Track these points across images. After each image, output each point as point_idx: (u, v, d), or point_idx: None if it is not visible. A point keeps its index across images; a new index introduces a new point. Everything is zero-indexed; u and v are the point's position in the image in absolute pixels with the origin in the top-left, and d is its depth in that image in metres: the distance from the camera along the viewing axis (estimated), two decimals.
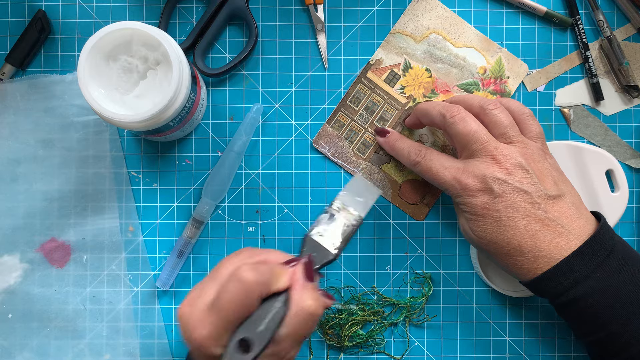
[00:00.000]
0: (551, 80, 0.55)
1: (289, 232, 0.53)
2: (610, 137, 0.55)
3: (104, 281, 0.52)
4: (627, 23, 0.55)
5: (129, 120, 0.43)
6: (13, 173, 0.52)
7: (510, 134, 0.45)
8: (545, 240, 0.42)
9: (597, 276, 0.41)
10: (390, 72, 0.54)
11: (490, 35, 0.55)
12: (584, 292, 0.41)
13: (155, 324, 0.52)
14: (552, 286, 0.42)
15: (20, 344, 0.51)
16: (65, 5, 0.53)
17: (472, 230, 0.44)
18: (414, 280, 0.54)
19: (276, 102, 0.54)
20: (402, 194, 0.54)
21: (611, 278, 0.41)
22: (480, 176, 0.43)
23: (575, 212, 0.43)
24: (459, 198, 0.44)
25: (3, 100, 0.52)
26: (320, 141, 0.54)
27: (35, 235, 0.52)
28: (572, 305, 0.42)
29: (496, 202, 0.42)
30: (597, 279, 0.41)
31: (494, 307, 0.54)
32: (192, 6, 0.54)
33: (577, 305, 0.41)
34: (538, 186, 0.43)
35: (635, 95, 0.55)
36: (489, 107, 0.45)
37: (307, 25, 0.54)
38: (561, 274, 0.41)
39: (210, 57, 0.54)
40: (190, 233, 0.52)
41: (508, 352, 0.54)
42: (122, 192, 0.53)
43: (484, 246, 0.44)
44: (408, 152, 0.49)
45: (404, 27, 0.55)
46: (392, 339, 0.53)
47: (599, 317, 0.41)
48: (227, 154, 0.52)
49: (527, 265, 0.42)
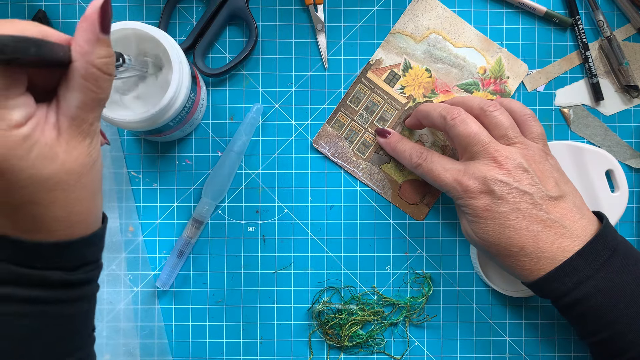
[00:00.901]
0: (551, 80, 0.55)
1: (289, 232, 0.53)
2: (610, 137, 0.55)
3: (104, 281, 0.52)
4: (627, 23, 0.55)
5: (128, 120, 0.43)
6: None
7: (511, 135, 0.45)
8: (548, 241, 0.42)
9: (600, 276, 0.41)
10: (390, 72, 0.54)
11: (490, 35, 0.55)
12: (587, 292, 0.41)
13: (155, 324, 0.52)
14: (556, 287, 0.42)
15: None
16: (65, 5, 0.53)
17: (474, 232, 0.44)
18: (414, 280, 0.54)
19: (276, 102, 0.54)
20: (402, 194, 0.54)
21: (615, 278, 0.41)
22: (481, 178, 0.43)
23: (577, 213, 0.43)
24: (461, 200, 0.44)
25: None
26: (320, 141, 0.54)
27: None
28: (576, 305, 0.42)
29: (497, 204, 0.42)
30: (600, 279, 0.41)
31: (494, 307, 0.54)
32: (192, 6, 0.54)
33: (581, 305, 0.41)
34: (539, 187, 0.43)
35: (635, 95, 0.55)
36: (489, 109, 0.46)
37: (307, 25, 0.54)
38: (564, 275, 0.41)
39: (210, 57, 0.54)
40: (190, 233, 0.52)
41: (508, 352, 0.54)
42: (122, 192, 0.53)
43: (486, 248, 0.44)
44: (409, 154, 0.49)
45: (404, 27, 0.55)
46: (392, 339, 0.53)
47: (603, 317, 0.41)
48: (227, 154, 0.52)
49: (530, 266, 0.42)
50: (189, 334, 0.53)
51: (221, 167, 0.52)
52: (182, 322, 0.53)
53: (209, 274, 0.53)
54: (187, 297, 0.53)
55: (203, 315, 0.53)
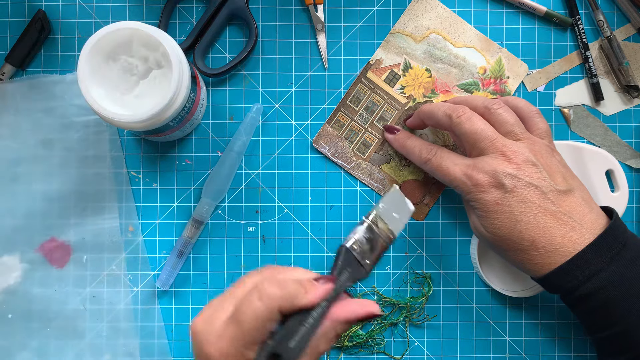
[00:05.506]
0: (551, 80, 0.55)
1: (289, 232, 0.53)
2: (610, 137, 0.55)
3: (103, 281, 0.52)
4: (627, 23, 0.55)
5: (128, 120, 0.43)
6: (13, 173, 0.52)
7: (517, 132, 0.45)
8: (559, 235, 0.42)
9: (611, 269, 0.41)
10: (390, 72, 0.54)
11: (490, 35, 0.55)
12: (599, 285, 0.41)
13: (155, 324, 0.52)
14: (567, 280, 0.42)
15: (20, 344, 0.51)
16: (65, 5, 0.53)
17: (484, 227, 0.44)
18: (414, 280, 0.54)
19: (276, 102, 0.54)
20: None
21: (625, 271, 0.41)
22: (491, 172, 0.43)
23: (586, 207, 0.43)
24: (470, 195, 0.44)
25: (3, 100, 0.52)
26: (320, 141, 0.54)
27: (35, 235, 0.52)
28: (587, 299, 0.42)
29: (508, 197, 0.43)
30: (611, 272, 0.41)
31: (494, 307, 0.54)
32: (192, 6, 0.54)
33: (592, 299, 0.41)
34: (548, 181, 0.43)
35: (635, 95, 0.55)
36: (494, 107, 0.46)
37: (307, 25, 0.54)
38: (576, 268, 0.41)
39: (210, 57, 0.54)
40: (190, 233, 0.52)
41: (508, 352, 0.54)
42: (122, 192, 0.53)
43: (497, 243, 0.44)
44: (419, 150, 0.49)
45: (404, 27, 0.55)
46: (392, 339, 0.53)
47: (613, 311, 0.41)
48: (227, 154, 0.52)
49: (541, 260, 0.42)
50: (189, 334, 0.53)
51: (221, 167, 0.52)
52: (182, 322, 0.53)
53: (208, 274, 0.53)
54: (187, 297, 0.53)
55: None
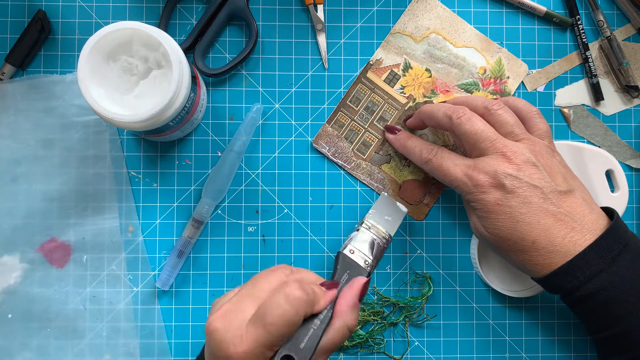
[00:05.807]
0: (551, 80, 0.55)
1: (289, 232, 0.53)
2: (610, 137, 0.55)
3: (103, 281, 0.52)
4: (627, 23, 0.55)
5: (128, 120, 0.43)
6: (13, 173, 0.52)
7: (517, 132, 0.45)
8: (559, 235, 0.42)
9: (612, 270, 0.41)
10: (390, 72, 0.54)
11: (490, 35, 0.55)
12: (599, 286, 0.41)
13: (155, 324, 0.52)
14: (568, 281, 0.42)
15: (20, 344, 0.51)
16: (65, 5, 0.53)
17: (485, 227, 0.44)
18: (414, 280, 0.54)
19: (276, 102, 0.54)
20: (402, 194, 0.54)
21: (626, 272, 0.41)
22: (491, 172, 0.43)
23: (587, 207, 0.43)
24: (471, 195, 0.44)
25: (3, 100, 0.52)
26: (320, 141, 0.54)
27: (35, 235, 0.52)
28: (587, 300, 0.42)
29: (508, 198, 0.43)
30: (612, 273, 0.41)
31: (494, 307, 0.54)
32: (192, 6, 0.54)
33: (592, 299, 0.41)
34: (549, 182, 0.43)
35: (635, 95, 0.55)
36: (494, 107, 0.46)
37: (307, 25, 0.54)
38: (577, 269, 0.41)
39: (210, 57, 0.54)
40: (190, 233, 0.52)
41: (508, 352, 0.54)
42: (122, 192, 0.53)
43: (498, 243, 0.44)
44: (420, 150, 0.49)
45: (404, 27, 0.55)
46: (392, 339, 0.53)
47: (614, 311, 0.41)
48: (227, 154, 0.52)
49: (542, 260, 0.42)
50: (189, 334, 0.53)
51: (221, 167, 0.52)
52: (182, 322, 0.53)
53: (208, 274, 0.53)
54: (187, 297, 0.53)
55: (203, 315, 0.53)
